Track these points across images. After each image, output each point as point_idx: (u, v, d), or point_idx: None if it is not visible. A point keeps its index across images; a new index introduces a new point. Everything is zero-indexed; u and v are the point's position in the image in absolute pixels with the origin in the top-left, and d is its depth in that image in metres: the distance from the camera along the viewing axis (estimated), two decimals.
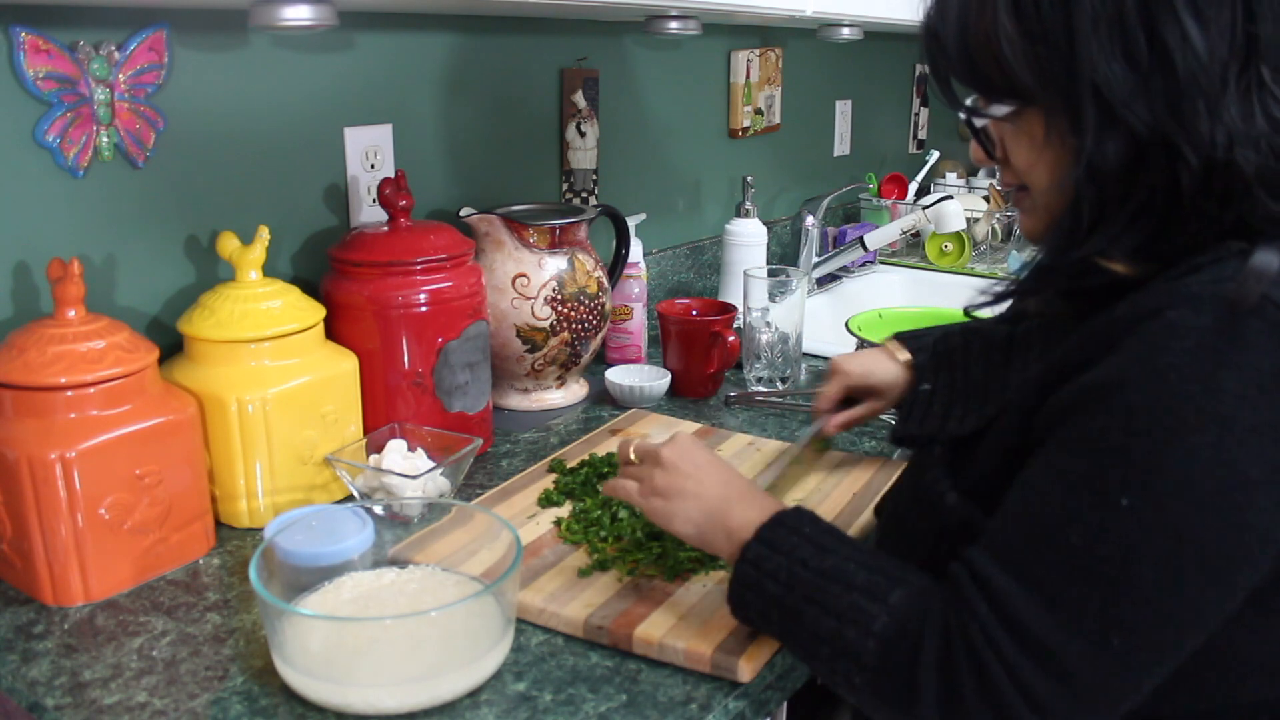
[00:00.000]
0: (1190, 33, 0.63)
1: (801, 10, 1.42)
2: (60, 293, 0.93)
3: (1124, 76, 0.64)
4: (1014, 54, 0.67)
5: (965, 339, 0.83)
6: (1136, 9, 0.63)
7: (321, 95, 1.26)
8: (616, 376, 1.42)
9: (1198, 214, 0.66)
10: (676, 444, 0.87)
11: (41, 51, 0.99)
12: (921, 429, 0.82)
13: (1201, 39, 0.63)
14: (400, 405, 1.15)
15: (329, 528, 0.92)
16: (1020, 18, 0.66)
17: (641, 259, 1.58)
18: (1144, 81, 0.64)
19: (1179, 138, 0.64)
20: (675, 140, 1.87)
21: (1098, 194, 0.67)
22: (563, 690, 0.80)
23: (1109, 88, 0.64)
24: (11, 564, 0.93)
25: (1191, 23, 0.63)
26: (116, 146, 1.07)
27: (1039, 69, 0.67)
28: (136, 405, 0.93)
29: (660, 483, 0.85)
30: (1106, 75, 0.64)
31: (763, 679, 0.81)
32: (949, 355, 0.84)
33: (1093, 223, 0.68)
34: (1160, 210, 0.67)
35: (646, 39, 1.72)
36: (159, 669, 0.83)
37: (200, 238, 1.17)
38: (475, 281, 1.20)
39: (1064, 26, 0.65)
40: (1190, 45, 0.63)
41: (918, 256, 2.31)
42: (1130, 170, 0.66)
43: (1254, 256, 0.63)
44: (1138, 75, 0.64)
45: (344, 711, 0.77)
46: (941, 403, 0.81)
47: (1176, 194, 0.65)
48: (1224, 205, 0.65)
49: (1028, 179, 0.74)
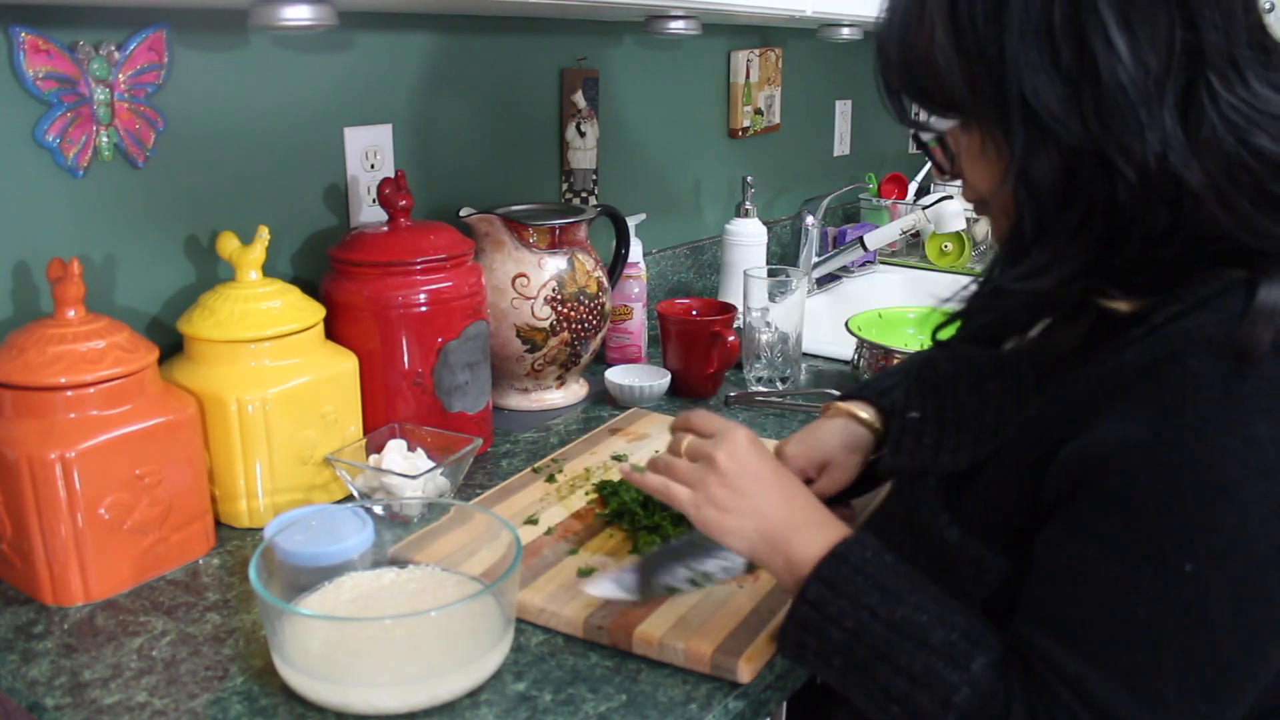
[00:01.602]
0: (1118, 44, 0.62)
1: (801, 10, 1.42)
2: (60, 293, 0.93)
3: (1053, 89, 0.63)
4: (949, 67, 0.67)
5: (953, 365, 0.81)
6: (1064, 22, 0.63)
7: (321, 95, 1.26)
8: (616, 376, 1.42)
9: (1146, 228, 0.65)
10: (736, 448, 0.79)
11: (41, 51, 0.99)
12: (913, 461, 0.79)
13: (1130, 50, 0.62)
14: (400, 405, 1.15)
15: (329, 528, 0.92)
16: (956, 31, 0.66)
17: (641, 259, 1.58)
18: (1074, 93, 0.63)
19: (1110, 150, 0.63)
20: (675, 140, 1.87)
21: (1036, 208, 0.67)
22: (563, 690, 0.80)
23: (1037, 100, 0.64)
24: (11, 564, 0.93)
25: (1119, 34, 0.62)
26: (116, 146, 1.07)
27: (972, 82, 0.66)
28: (136, 405, 0.93)
29: (717, 493, 0.78)
30: (1035, 87, 0.64)
31: (762, 679, 0.81)
32: (936, 382, 0.81)
33: (1034, 236, 0.68)
34: (1103, 224, 0.66)
35: (646, 39, 1.72)
36: (159, 669, 0.83)
37: (200, 238, 1.17)
38: (475, 281, 1.20)
39: (995, 39, 0.64)
40: (1118, 56, 0.62)
41: (918, 256, 2.31)
42: (1067, 183, 0.65)
43: (1259, 294, 0.62)
44: (1068, 87, 0.63)
45: (344, 711, 0.77)
46: (932, 434, 0.78)
47: (1117, 206, 0.65)
48: (1174, 218, 0.64)
49: (979, 192, 0.74)
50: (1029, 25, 0.63)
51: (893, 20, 0.71)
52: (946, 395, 0.80)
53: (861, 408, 0.98)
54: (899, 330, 1.62)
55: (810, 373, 1.57)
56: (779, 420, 1.36)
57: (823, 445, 0.96)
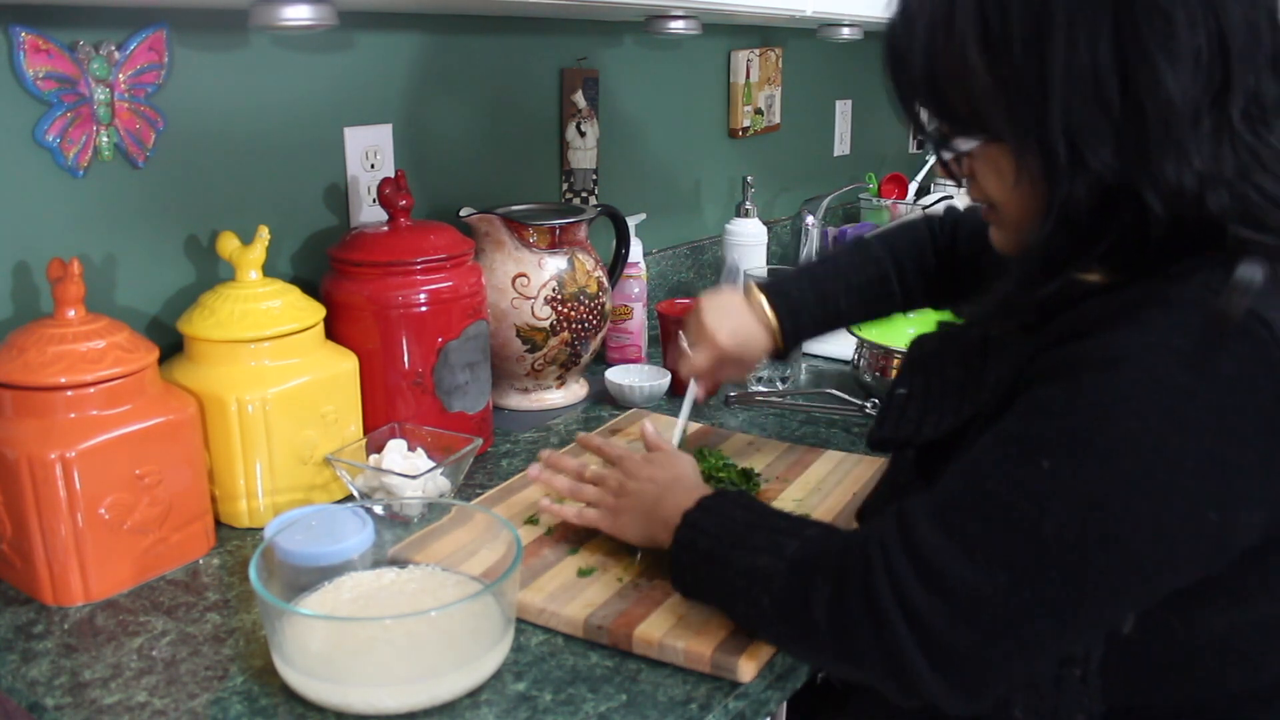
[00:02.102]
0: (1163, 75, 0.62)
1: (801, 10, 1.42)
2: (60, 293, 0.93)
3: (1095, 122, 0.64)
4: (983, 92, 0.66)
5: (941, 343, 0.83)
6: (1111, 53, 0.63)
7: (321, 95, 1.26)
8: (616, 376, 1.42)
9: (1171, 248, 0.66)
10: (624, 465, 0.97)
11: (41, 51, 0.99)
12: (897, 433, 0.82)
13: (1174, 79, 0.62)
14: (400, 405, 1.15)
15: (329, 528, 0.92)
16: (990, 55, 0.65)
17: (641, 259, 1.58)
18: (1115, 128, 0.64)
19: (1144, 183, 0.64)
20: (675, 140, 1.87)
21: (1069, 234, 0.67)
22: (563, 690, 0.80)
23: (1080, 135, 0.64)
24: (11, 564, 0.93)
25: (1164, 63, 0.62)
26: (116, 146, 1.07)
27: (1010, 110, 0.66)
28: (136, 405, 0.93)
29: (610, 503, 0.95)
30: (1080, 122, 0.64)
31: (762, 679, 0.81)
32: (924, 359, 0.83)
33: (1064, 260, 0.69)
34: (1132, 246, 0.67)
35: (646, 39, 1.72)
36: (159, 669, 0.83)
37: (200, 238, 1.17)
38: (475, 281, 1.20)
39: (1037, 71, 0.64)
40: (1163, 88, 0.62)
41: None
42: (1102, 211, 0.66)
43: (1239, 270, 0.63)
44: (1109, 121, 0.63)
45: (344, 711, 0.77)
46: (917, 407, 0.81)
47: (1146, 232, 0.65)
48: (1198, 240, 0.65)
49: (998, 205, 0.73)
50: (1075, 59, 0.63)
51: (912, 28, 0.69)
52: (933, 371, 0.82)
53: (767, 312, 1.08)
54: (899, 330, 1.62)
55: (810, 373, 1.57)
56: (779, 420, 1.36)
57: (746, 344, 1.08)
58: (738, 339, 1.07)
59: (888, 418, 0.83)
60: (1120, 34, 0.62)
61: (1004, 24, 0.64)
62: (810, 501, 1.07)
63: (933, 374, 0.81)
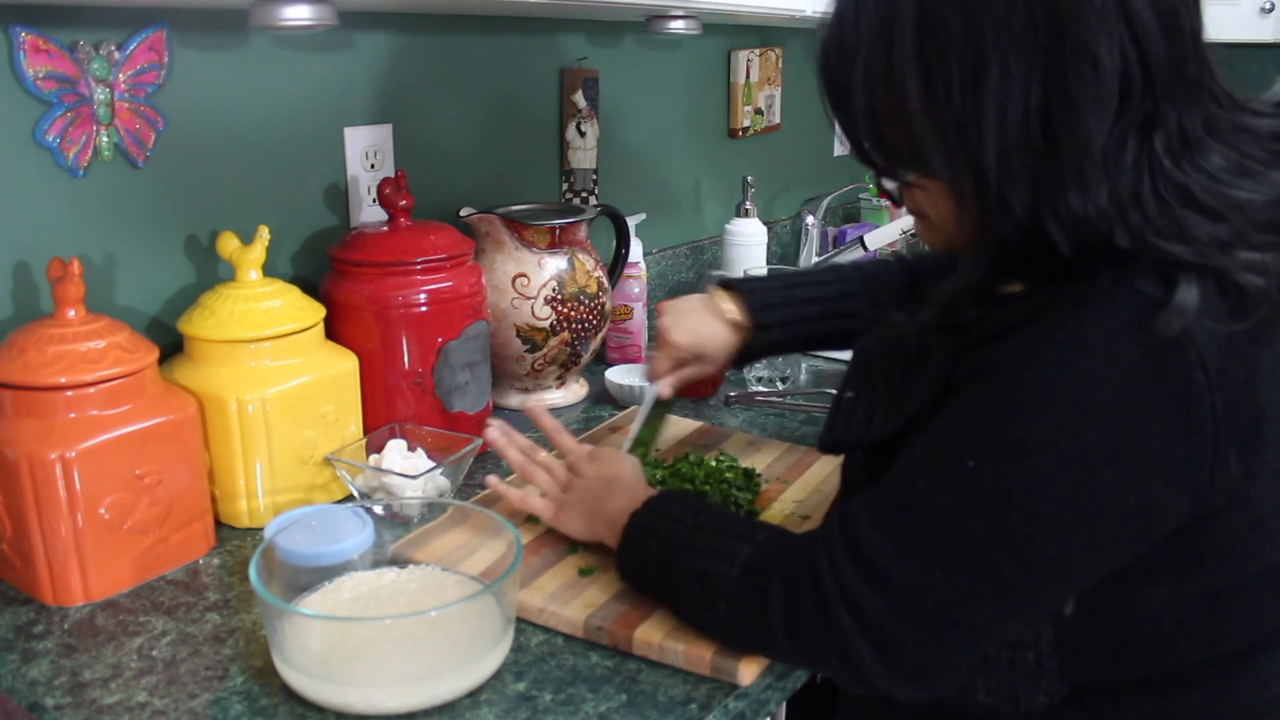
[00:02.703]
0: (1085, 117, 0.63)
1: (801, 10, 1.42)
2: (60, 293, 0.93)
3: (1021, 163, 0.65)
4: (922, 133, 0.67)
5: (883, 346, 0.85)
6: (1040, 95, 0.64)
7: (321, 95, 1.26)
8: (616, 376, 1.42)
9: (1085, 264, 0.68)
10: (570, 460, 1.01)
11: (41, 51, 0.99)
12: (846, 435, 0.84)
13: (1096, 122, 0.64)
14: (400, 405, 1.15)
15: (329, 528, 0.92)
16: (928, 97, 0.66)
17: (641, 259, 1.58)
18: (1034, 167, 0.65)
19: (1049, 219, 0.66)
20: (675, 140, 1.87)
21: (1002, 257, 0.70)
22: (563, 690, 0.80)
23: (1011, 175, 0.66)
24: (11, 564, 0.93)
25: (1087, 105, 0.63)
26: (116, 146, 1.07)
27: (947, 153, 0.67)
28: (136, 405, 0.93)
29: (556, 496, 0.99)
30: (1010, 164, 0.65)
31: (762, 679, 0.81)
32: (868, 362, 0.85)
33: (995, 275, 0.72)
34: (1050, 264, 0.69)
35: (646, 39, 1.72)
36: (159, 669, 0.83)
37: (200, 238, 1.17)
38: (475, 281, 1.20)
39: (974, 114, 0.65)
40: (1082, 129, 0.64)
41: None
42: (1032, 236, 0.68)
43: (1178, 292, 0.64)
44: (1032, 160, 0.65)
45: (344, 711, 0.77)
46: (864, 409, 0.83)
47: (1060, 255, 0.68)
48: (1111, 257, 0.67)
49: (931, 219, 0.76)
50: (1008, 101, 0.64)
51: (850, 61, 0.69)
52: (877, 374, 0.84)
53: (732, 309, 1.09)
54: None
55: (810, 372, 1.57)
56: (779, 420, 1.36)
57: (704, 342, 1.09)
58: (695, 336, 1.09)
59: (837, 421, 0.85)
60: (1048, 77, 0.64)
61: (942, 64, 0.65)
62: (811, 502, 1.07)
63: (876, 377, 0.83)
